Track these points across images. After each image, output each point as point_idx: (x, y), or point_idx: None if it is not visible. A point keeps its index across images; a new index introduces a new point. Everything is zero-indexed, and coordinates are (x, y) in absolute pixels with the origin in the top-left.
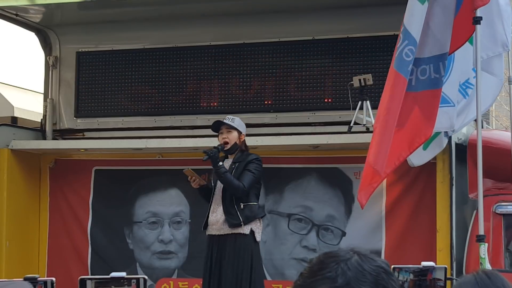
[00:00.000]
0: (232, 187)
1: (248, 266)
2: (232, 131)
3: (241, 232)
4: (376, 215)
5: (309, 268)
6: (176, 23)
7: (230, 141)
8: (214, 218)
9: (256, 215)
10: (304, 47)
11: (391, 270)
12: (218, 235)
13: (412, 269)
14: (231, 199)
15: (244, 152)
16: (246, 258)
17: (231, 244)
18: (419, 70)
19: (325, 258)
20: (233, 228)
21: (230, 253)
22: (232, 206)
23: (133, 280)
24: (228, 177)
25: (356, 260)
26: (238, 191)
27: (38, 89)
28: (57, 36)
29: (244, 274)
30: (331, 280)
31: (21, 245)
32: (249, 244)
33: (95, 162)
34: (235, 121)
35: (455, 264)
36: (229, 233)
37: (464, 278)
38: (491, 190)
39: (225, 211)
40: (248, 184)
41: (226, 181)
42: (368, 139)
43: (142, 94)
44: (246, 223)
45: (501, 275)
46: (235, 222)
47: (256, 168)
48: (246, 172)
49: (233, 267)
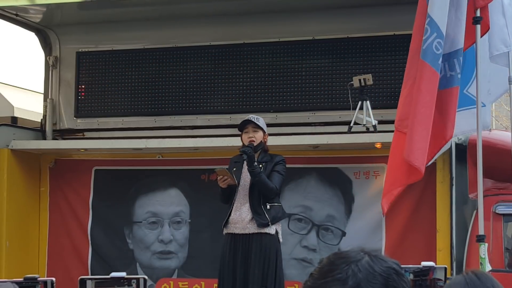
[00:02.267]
0: (266, 188)
1: (273, 265)
2: (258, 130)
3: (267, 232)
4: (376, 215)
5: (319, 269)
6: (176, 23)
7: (257, 140)
8: (238, 216)
9: (282, 216)
10: (304, 47)
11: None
12: (242, 234)
13: (412, 269)
14: (259, 199)
15: (266, 152)
16: (272, 258)
17: (257, 243)
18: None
19: (335, 259)
20: (260, 228)
21: (257, 252)
22: (259, 205)
23: (133, 280)
24: (263, 177)
25: (366, 261)
26: (272, 192)
27: (38, 89)
28: (57, 36)
29: (270, 272)
30: (342, 281)
31: (21, 245)
32: (275, 244)
33: (95, 162)
34: (260, 120)
35: (455, 264)
36: (255, 232)
37: (454, 279)
38: (491, 190)
39: (253, 210)
40: (279, 185)
41: (261, 181)
42: (368, 139)
43: (142, 94)
44: (273, 223)
45: (491, 276)
46: (263, 221)
47: (284, 170)
48: (275, 174)
49: (260, 266)
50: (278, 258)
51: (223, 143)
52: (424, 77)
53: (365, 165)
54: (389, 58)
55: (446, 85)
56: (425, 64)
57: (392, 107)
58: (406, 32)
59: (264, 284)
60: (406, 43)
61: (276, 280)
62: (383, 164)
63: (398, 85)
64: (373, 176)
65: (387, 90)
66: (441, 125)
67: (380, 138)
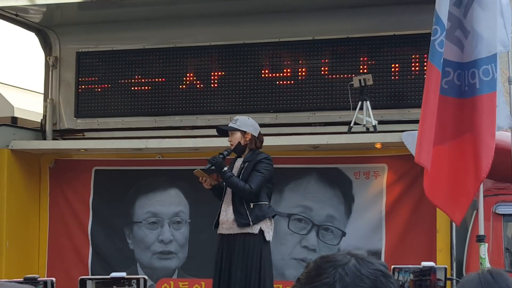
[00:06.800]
0: (239, 191)
1: (257, 266)
2: (234, 132)
3: (250, 231)
4: (376, 215)
5: (306, 274)
6: (176, 23)
7: (234, 142)
8: (225, 217)
9: (265, 215)
10: (304, 47)
11: (390, 271)
12: (228, 234)
13: (412, 269)
14: (240, 199)
15: (255, 151)
16: (255, 258)
17: (240, 243)
18: (473, 72)
19: (322, 263)
20: (242, 228)
21: (239, 252)
22: (242, 205)
23: (133, 280)
24: (234, 181)
25: (353, 264)
26: (245, 193)
27: (38, 89)
28: (57, 36)
29: (253, 274)
30: (329, 286)
31: (21, 245)
32: (258, 244)
33: (95, 162)
34: (238, 121)
35: (455, 264)
36: (238, 233)
37: (468, 276)
38: (491, 190)
39: (235, 210)
40: (256, 185)
41: (232, 184)
42: (368, 139)
43: (142, 94)
44: (255, 222)
45: (507, 275)
46: (244, 221)
47: (265, 168)
48: (254, 173)
49: (242, 267)
50: (262, 259)
51: (223, 143)
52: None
53: (365, 165)
54: (389, 58)
55: (489, 89)
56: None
57: (392, 107)
58: (406, 32)
59: (247, 285)
60: (406, 43)
61: (261, 282)
62: (383, 164)
63: (398, 85)
64: (373, 176)
65: (387, 90)
66: (488, 132)
67: (380, 138)
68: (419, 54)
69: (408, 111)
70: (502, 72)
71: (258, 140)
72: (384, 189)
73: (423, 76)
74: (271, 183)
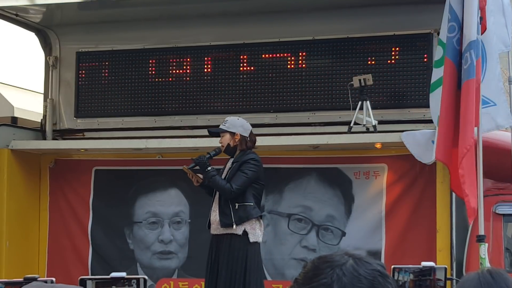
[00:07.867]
0: (220, 190)
1: (241, 267)
2: (224, 134)
3: (234, 233)
4: (376, 215)
5: (303, 274)
6: (176, 23)
7: (224, 143)
8: (213, 217)
9: (249, 216)
10: (304, 47)
11: (388, 272)
12: (216, 234)
13: (412, 269)
14: (226, 199)
15: (245, 152)
16: (240, 260)
17: (226, 244)
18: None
19: (319, 264)
20: (226, 228)
21: (225, 253)
22: (227, 206)
23: (133, 280)
24: (215, 180)
25: (351, 265)
26: (226, 193)
27: (38, 89)
28: (57, 36)
29: (238, 276)
30: (327, 286)
31: (21, 245)
32: (243, 245)
33: (95, 162)
34: (227, 122)
35: (455, 264)
36: (224, 233)
37: (468, 276)
38: (491, 190)
39: (220, 211)
40: (238, 185)
41: (214, 184)
42: (368, 139)
43: (142, 94)
44: (238, 223)
45: (507, 275)
46: (227, 222)
47: (250, 169)
48: (238, 173)
49: (227, 268)
50: (248, 261)
51: None
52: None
53: (365, 165)
54: (389, 58)
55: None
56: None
57: (392, 107)
58: (406, 32)
59: (232, 287)
60: (406, 43)
61: (246, 283)
62: (383, 164)
63: (398, 85)
64: (373, 176)
65: (387, 90)
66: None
67: (380, 138)
68: (419, 54)
69: (408, 111)
70: (502, 72)
71: (250, 140)
72: (384, 189)
73: (423, 76)
74: (259, 183)
